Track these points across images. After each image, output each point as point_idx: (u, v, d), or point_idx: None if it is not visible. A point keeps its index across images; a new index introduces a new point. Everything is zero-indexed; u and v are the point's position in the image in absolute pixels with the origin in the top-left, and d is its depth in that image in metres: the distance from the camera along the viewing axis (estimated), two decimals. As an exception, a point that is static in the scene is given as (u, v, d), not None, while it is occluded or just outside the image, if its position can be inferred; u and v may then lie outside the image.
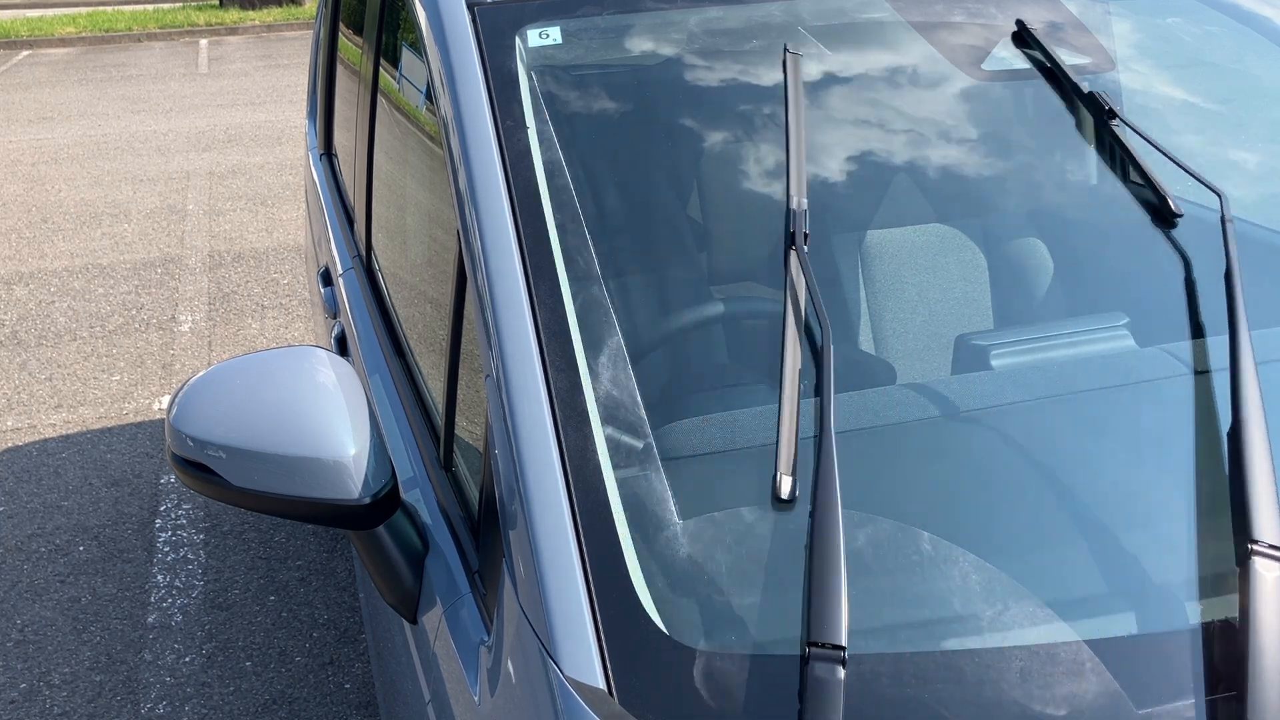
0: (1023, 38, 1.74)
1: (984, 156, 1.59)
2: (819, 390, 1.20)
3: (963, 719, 0.97)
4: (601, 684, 1.01)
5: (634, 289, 1.52)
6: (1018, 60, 1.74)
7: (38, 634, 3.18)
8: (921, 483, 1.20)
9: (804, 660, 0.98)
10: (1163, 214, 1.56)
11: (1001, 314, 1.60)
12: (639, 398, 1.23)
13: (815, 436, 1.15)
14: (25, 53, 13.74)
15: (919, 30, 1.73)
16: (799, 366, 1.23)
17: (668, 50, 1.66)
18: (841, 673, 0.96)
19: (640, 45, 1.65)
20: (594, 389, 1.22)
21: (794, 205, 1.37)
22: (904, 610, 1.07)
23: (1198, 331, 1.41)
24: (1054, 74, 1.73)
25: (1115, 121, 1.62)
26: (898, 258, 1.66)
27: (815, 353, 1.25)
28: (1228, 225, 1.42)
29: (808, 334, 1.27)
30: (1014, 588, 1.09)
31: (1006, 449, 1.26)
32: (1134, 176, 1.62)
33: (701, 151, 1.66)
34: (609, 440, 1.18)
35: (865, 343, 1.65)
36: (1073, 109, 1.98)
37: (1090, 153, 2.02)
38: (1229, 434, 1.17)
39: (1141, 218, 1.60)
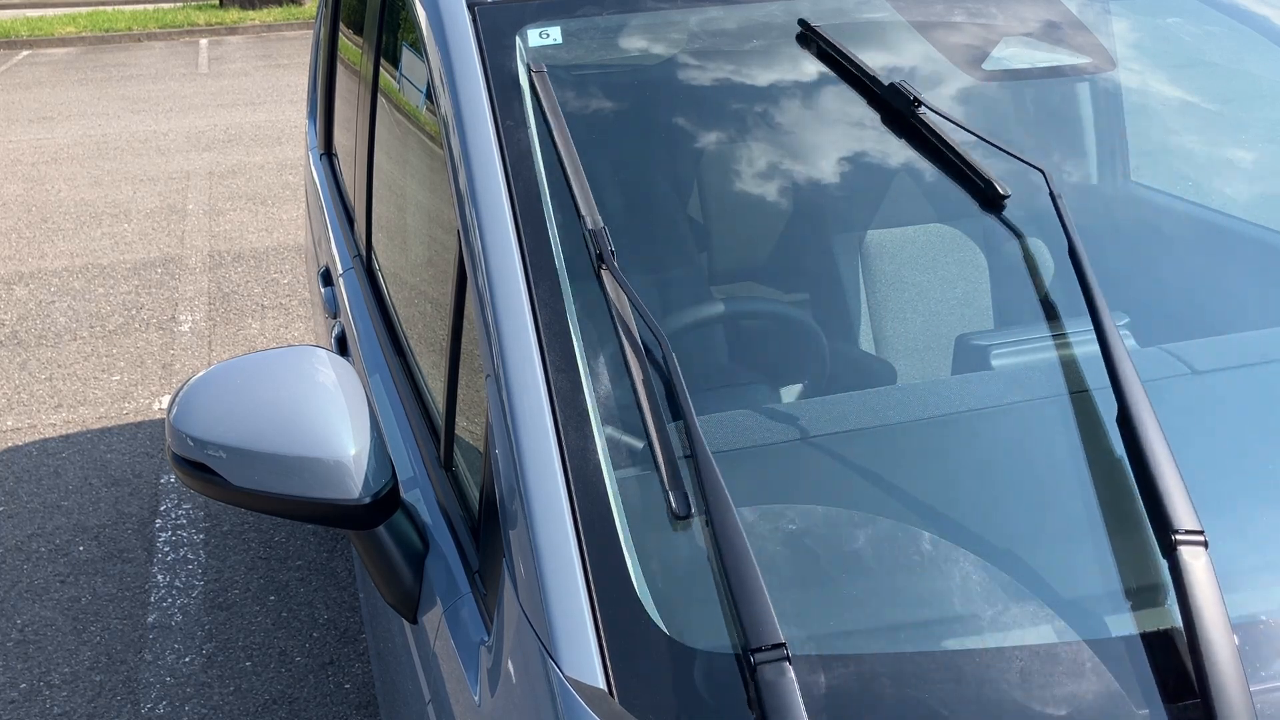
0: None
1: (984, 156, 1.59)
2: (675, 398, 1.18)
3: (962, 719, 0.97)
4: (601, 684, 1.01)
5: (634, 289, 1.51)
6: (1018, 60, 1.74)
7: (38, 634, 3.18)
8: (921, 483, 1.20)
9: (752, 669, 0.97)
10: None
11: (1001, 314, 1.60)
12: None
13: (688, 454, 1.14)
14: (25, 53, 13.74)
15: (919, 30, 1.73)
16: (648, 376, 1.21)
17: (668, 50, 1.66)
18: (790, 670, 0.95)
19: (640, 45, 1.65)
20: (594, 389, 1.22)
21: (590, 225, 1.33)
22: (904, 610, 1.07)
23: (1198, 331, 1.41)
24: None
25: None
26: (898, 257, 1.66)
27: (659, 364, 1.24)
28: (1059, 201, 1.41)
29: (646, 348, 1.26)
30: (1013, 588, 1.09)
31: (1006, 449, 1.26)
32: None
33: (701, 151, 1.66)
34: (609, 440, 1.18)
35: (865, 343, 1.65)
36: (1073, 109, 1.98)
37: (1090, 152, 2.02)
38: (1119, 420, 1.16)
39: (1142, 217, 1.60)
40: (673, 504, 1.10)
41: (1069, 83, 1.90)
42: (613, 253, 1.31)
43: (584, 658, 1.03)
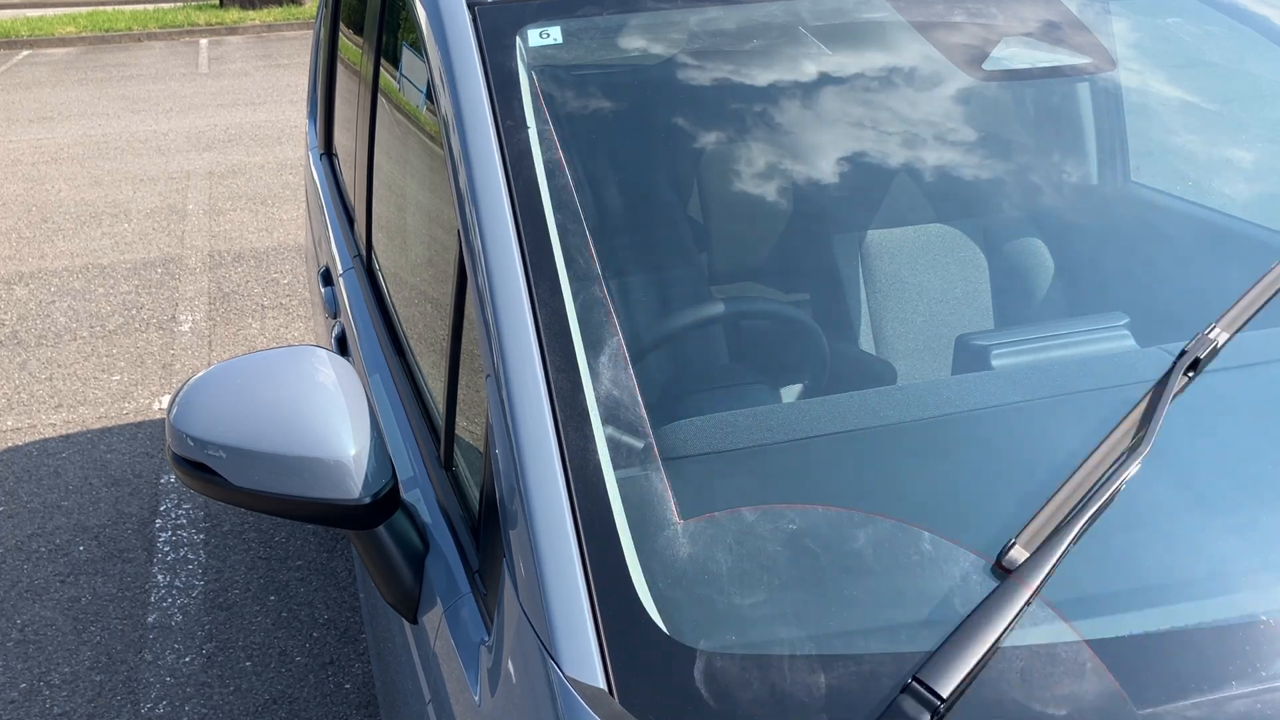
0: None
1: (984, 157, 1.59)
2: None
3: (963, 719, 0.97)
4: (601, 684, 1.01)
5: (634, 289, 1.52)
6: (1018, 60, 1.74)
7: (38, 634, 3.18)
8: (921, 482, 1.20)
9: (901, 687, 0.97)
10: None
11: (1001, 314, 1.60)
12: (639, 397, 1.23)
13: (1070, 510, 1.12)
14: (25, 52, 13.74)
15: (919, 30, 1.73)
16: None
17: (668, 50, 1.66)
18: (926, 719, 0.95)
19: (640, 45, 1.65)
20: (594, 388, 1.22)
21: None
22: (904, 610, 1.07)
23: (1198, 331, 1.41)
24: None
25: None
26: (898, 258, 1.66)
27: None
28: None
29: None
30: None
31: (1007, 449, 1.26)
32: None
33: (701, 152, 1.66)
34: (609, 440, 1.18)
35: (865, 343, 1.65)
36: (1073, 109, 1.98)
37: (1090, 152, 2.02)
38: None
39: (1142, 217, 1.60)
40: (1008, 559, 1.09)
41: (1069, 83, 1.90)
42: (613, 253, 1.31)
43: (584, 658, 1.03)
